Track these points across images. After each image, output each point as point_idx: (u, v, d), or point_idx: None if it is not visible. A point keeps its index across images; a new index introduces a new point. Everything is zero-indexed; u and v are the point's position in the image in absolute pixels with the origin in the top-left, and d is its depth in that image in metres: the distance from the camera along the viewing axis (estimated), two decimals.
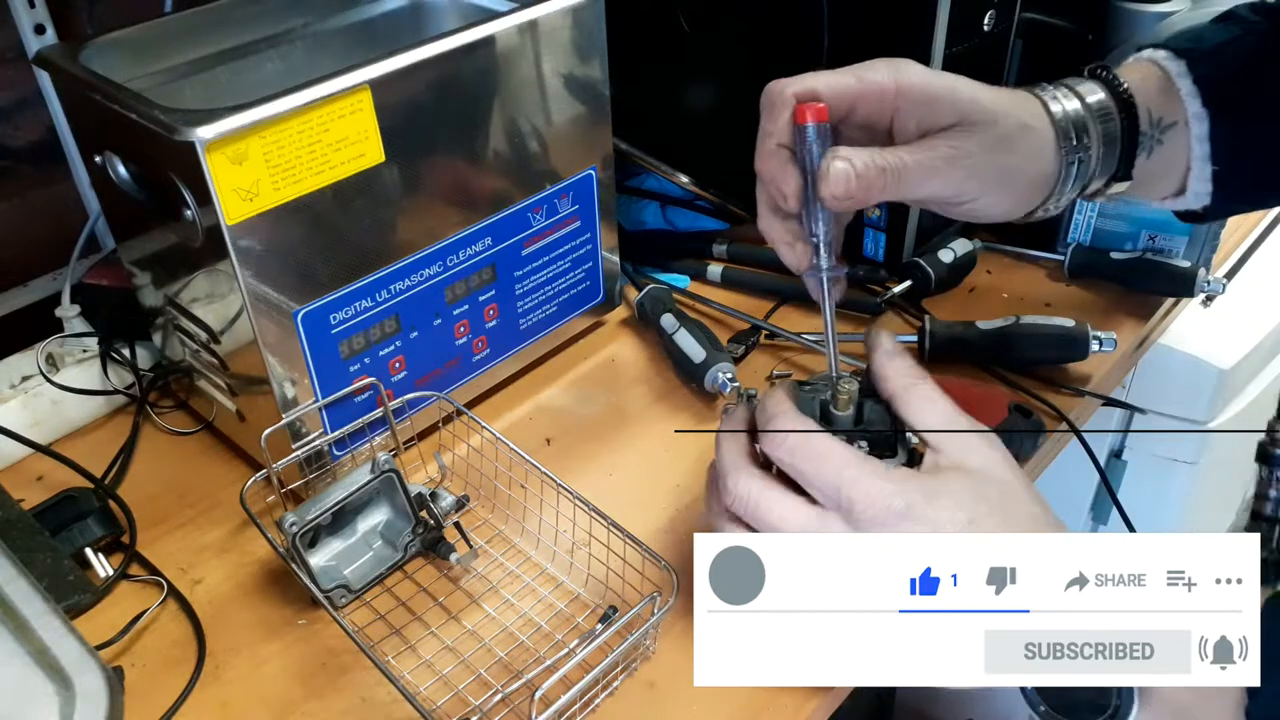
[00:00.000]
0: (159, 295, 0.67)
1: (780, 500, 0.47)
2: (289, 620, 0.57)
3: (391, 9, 0.74)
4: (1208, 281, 0.77)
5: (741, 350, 0.76)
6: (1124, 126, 0.52)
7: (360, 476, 0.58)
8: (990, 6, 0.73)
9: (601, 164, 0.71)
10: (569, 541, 0.59)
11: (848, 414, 0.51)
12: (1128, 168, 0.53)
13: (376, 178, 0.58)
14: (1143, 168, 0.54)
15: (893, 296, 0.78)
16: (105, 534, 0.61)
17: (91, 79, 0.57)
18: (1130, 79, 0.53)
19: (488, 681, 0.53)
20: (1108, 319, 0.78)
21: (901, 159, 0.48)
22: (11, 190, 0.77)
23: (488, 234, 0.66)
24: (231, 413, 0.66)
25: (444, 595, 0.58)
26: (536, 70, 0.65)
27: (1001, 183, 0.51)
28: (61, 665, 0.41)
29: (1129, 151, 0.53)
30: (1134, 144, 0.53)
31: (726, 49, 0.83)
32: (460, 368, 0.69)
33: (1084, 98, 0.52)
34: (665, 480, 0.66)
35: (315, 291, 0.58)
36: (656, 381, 0.74)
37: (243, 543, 0.62)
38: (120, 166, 0.60)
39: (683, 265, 0.85)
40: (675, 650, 0.54)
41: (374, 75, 0.55)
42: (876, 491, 0.45)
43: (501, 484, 0.63)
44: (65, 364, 0.71)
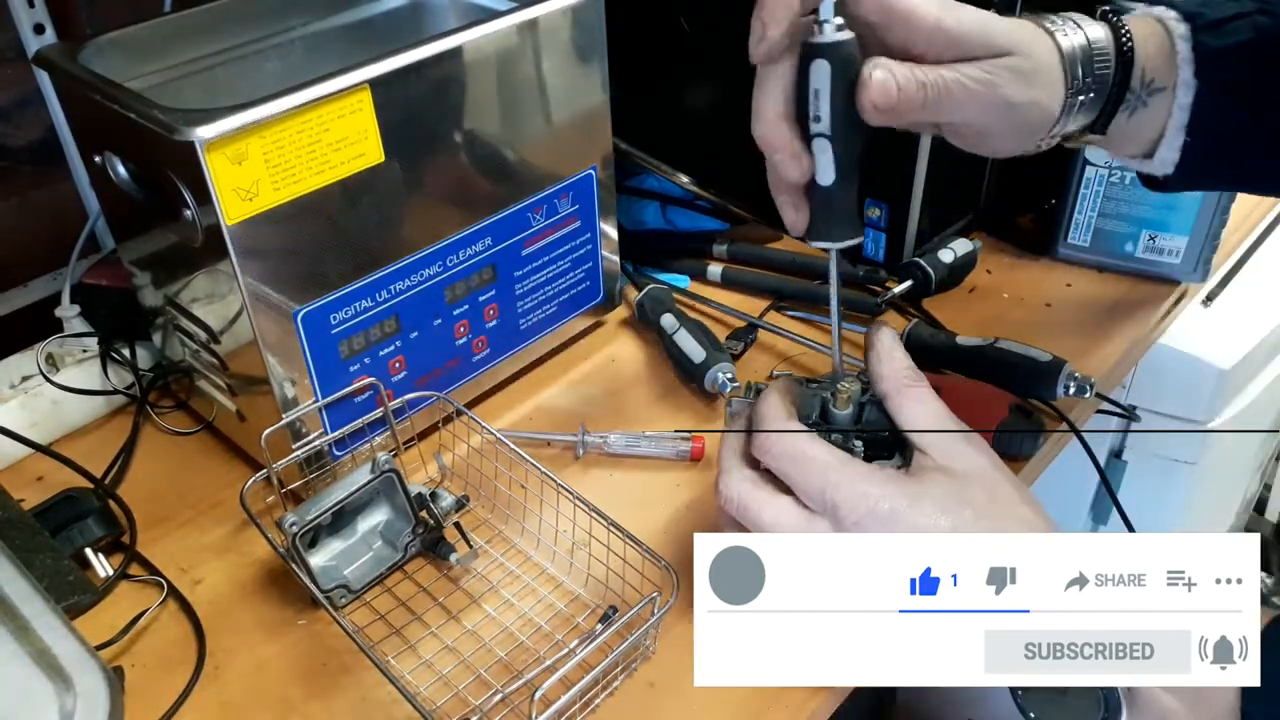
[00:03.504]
0: (159, 295, 0.67)
1: (770, 501, 0.48)
2: (289, 620, 0.57)
3: (391, 9, 0.74)
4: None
5: (740, 348, 0.76)
6: (1115, 80, 0.51)
7: (360, 476, 0.58)
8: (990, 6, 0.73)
9: (601, 164, 0.71)
10: (569, 541, 0.59)
11: (847, 413, 0.51)
12: (1106, 122, 0.52)
13: (376, 178, 0.58)
14: (1119, 125, 0.53)
15: (893, 296, 0.78)
16: (105, 534, 0.61)
17: (91, 79, 0.57)
18: (1135, 31, 0.52)
19: (488, 681, 0.53)
20: (1108, 319, 0.78)
21: (942, 76, 0.46)
22: (11, 190, 0.77)
23: (488, 234, 0.66)
24: (231, 413, 0.66)
25: (444, 595, 0.58)
26: (536, 70, 0.65)
27: (1022, 116, 0.49)
28: (62, 665, 0.41)
29: (1111, 106, 0.52)
30: (1119, 100, 0.52)
31: (726, 49, 0.82)
32: (460, 368, 0.69)
33: (1089, 36, 0.51)
34: (665, 480, 0.66)
35: (315, 291, 0.58)
36: (656, 381, 0.74)
37: (243, 543, 0.62)
38: (120, 166, 0.60)
39: (683, 265, 0.85)
40: (675, 650, 0.54)
41: (374, 75, 0.55)
42: (860, 495, 0.45)
43: (501, 484, 0.63)
44: (65, 364, 0.71)
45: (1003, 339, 0.69)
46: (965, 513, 0.45)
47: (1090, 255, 0.83)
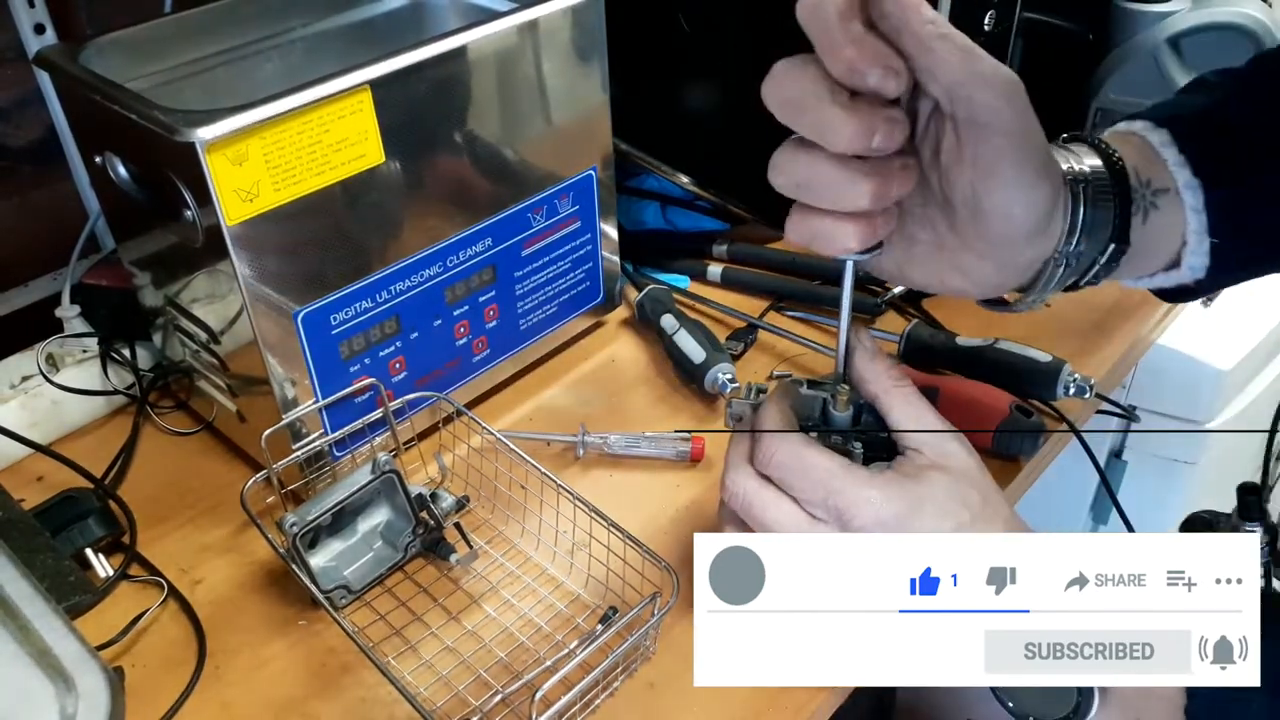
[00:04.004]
0: (159, 295, 0.67)
1: (775, 502, 0.48)
2: (289, 620, 0.57)
3: (391, 9, 0.74)
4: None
5: (740, 348, 0.76)
6: (1115, 190, 0.47)
7: (360, 477, 0.58)
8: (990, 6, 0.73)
9: (601, 164, 0.71)
10: (569, 542, 0.59)
11: (846, 415, 0.51)
12: (1125, 229, 0.47)
13: (376, 178, 0.58)
14: (1139, 234, 0.48)
15: (893, 296, 0.78)
16: (105, 534, 0.61)
17: (91, 79, 0.57)
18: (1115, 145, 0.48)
19: (488, 682, 0.53)
20: (1108, 319, 0.78)
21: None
22: (11, 190, 0.77)
23: (488, 234, 0.66)
24: (232, 413, 0.66)
25: (444, 596, 0.58)
26: (536, 70, 0.65)
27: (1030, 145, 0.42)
28: (62, 665, 0.41)
29: (1124, 215, 0.47)
30: (1128, 207, 0.48)
31: (726, 49, 0.83)
32: (460, 368, 0.69)
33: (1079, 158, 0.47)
34: (665, 480, 0.66)
35: (316, 292, 0.58)
36: (657, 382, 0.74)
37: (243, 543, 0.62)
38: (120, 166, 0.60)
39: (683, 265, 0.85)
40: (675, 650, 0.54)
41: (374, 75, 0.55)
42: (864, 501, 0.46)
43: (501, 485, 0.63)
44: (65, 364, 0.71)
45: (1003, 339, 0.70)
46: (964, 515, 0.46)
47: None
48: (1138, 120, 0.50)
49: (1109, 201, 0.47)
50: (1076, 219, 0.46)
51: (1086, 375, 0.66)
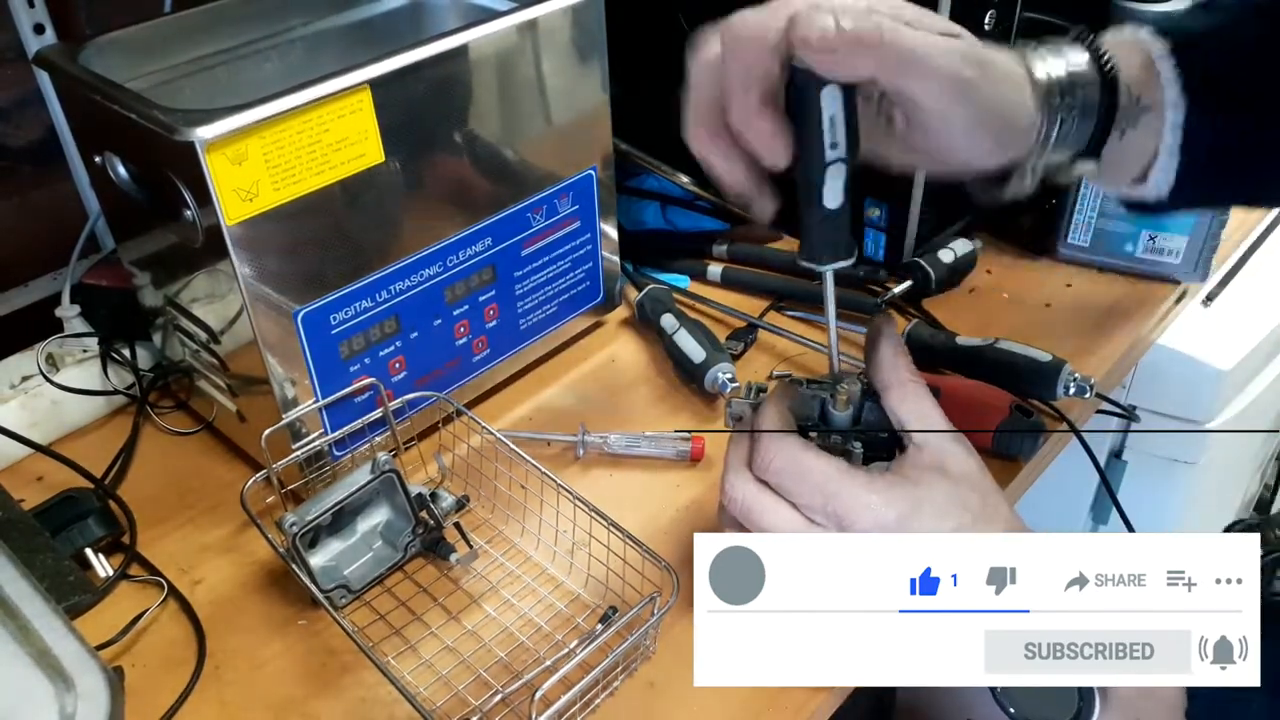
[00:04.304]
0: (159, 295, 0.67)
1: (774, 508, 0.48)
2: (289, 620, 0.57)
3: (391, 9, 0.74)
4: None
5: (740, 348, 0.76)
6: (1102, 101, 0.48)
7: (360, 477, 0.58)
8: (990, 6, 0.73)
9: (601, 164, 0.71)
10: (569, 542, 0.59)
11: (846, 414, 0.51)
12: (1098, 146, 0.49)
13: (376, 178, 0.58)
14: (1113, 148, 0.50)
15: (893, 296, 0.78)
16: (105, 534, 0.61)
17: (91, 79, 0.57)
18: (1116, 52, 0.49)
19: (488, 682, 0.53)
20: (1108, 319, 0.78)
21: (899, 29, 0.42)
22: (11, 190, 0.77)
23: (488, 234, 0.66)
24: (231, 413, 0.66)
25: (444, 595, 0.58)
26: (536, 70, 0.65)
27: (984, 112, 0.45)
28: (62, 665, 0.41)
29: (1102, 129, 0.49)
30: (1109, 121, 0.49)
31: None
32: (460, 368, 0.69)
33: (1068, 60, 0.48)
34: (665, 480, 0.66)
35: (315, 292, 0.58)
36: (657, 381, 0.74)
37: (243, 543, 0.62)
38: (120, 166, 0.60)
39: (683, 265, 0.85)
40: (675, 650, 0.54)
41: (374, 75, 0.55)
42: (864, 505, 0.46)
43: (501, 484, 0.63)
44: (65, 364, 0.71)
45: (1003, 339, 0.70)
46: (965, 517, 0.46)
47: (1090, 255, 0.83)
48: (1144, 28, 0.50)
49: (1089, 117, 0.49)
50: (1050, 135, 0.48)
51: (1086, 375, 0.66)
